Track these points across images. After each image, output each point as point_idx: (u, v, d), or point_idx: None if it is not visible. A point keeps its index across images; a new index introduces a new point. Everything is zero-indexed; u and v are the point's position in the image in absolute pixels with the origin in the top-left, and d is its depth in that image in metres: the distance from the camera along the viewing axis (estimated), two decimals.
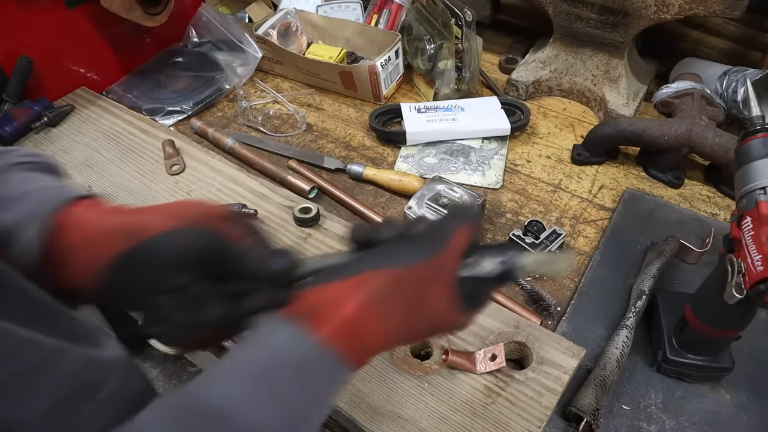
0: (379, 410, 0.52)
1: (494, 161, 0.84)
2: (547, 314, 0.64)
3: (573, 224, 0.75)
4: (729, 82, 0.83)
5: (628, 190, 0.79)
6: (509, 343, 0.56)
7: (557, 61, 0.94)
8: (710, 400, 0.56)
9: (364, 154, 0.88)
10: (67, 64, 0.93)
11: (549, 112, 0.94)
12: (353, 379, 0.33)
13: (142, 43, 1.03)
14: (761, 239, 0.43)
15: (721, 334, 0.53)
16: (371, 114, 0.90)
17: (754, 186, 0.45)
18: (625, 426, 0.55)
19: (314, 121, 0.94)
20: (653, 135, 0.75)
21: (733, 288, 0.45)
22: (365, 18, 1.04)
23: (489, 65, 1.04)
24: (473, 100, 0.91)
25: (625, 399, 0.57)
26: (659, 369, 0.58)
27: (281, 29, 1.01)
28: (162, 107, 0.93)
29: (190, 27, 1.07)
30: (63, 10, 0.88)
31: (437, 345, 0.57)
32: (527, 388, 0.53)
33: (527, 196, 0.80)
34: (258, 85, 1.02)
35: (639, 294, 0.62)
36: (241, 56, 1.01)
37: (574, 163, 0.84)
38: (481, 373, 0.54)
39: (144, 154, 0.82)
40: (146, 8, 0.91)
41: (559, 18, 0.89)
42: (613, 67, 0.89)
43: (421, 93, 0.99)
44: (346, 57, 1.00)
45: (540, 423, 0.51)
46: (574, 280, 0.68)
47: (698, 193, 0.79)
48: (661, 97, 0.86)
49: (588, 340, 0.61)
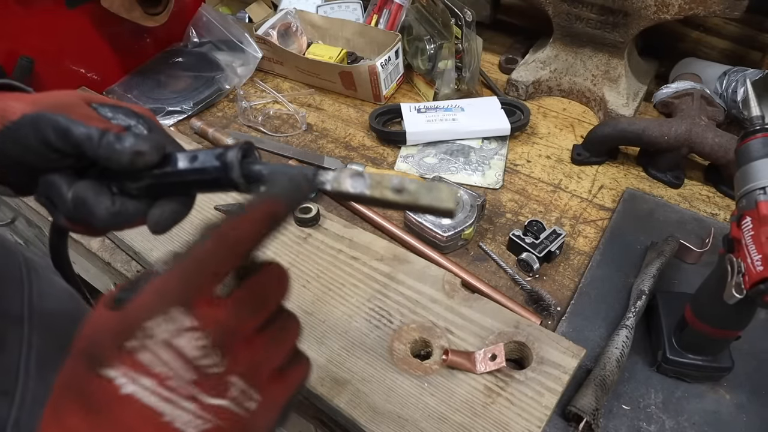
0: (379, 410, 0.52)
1: (494, 161, 0.84)
2: (547, 314, 0.64)
3: (573, 224, 0.75)
4: (729, 82, 0.83)
5: (628, 190, 0.79)
6: (509, 343, 0.56)
7: (557, 61, 0.94)
8: (710, 400, 0.56)
9: (364, 154, 0.88)
10: (68, 64, 0.93)
11: (549, 112, 0.94)
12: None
13: (143, 43, 1.03)
14: (761, 239, 0.43)
15: (721, 334, 0.53)
16: (371, 114, 0.91)
17: (753, 186, 0.45)
18: (625, 426, 0.55)
19: (314, 121, 0.94)
20: (653, 135, 0.75)
21: (732, 288, 0.45)
22: (365, 18, 1.04)
23: (489, 65, 1.04)
24: (473, 100, 0.91)
25: (624, 399, 0.57)
26: (659, 369, 0.58)
27: (281, 29, 1.01)
28: (162, 107, 0.94)
29: (190, 27, 1.07)
30: (63, 10, 0.88)
31: (437, 345, 0.57)
32: (527, 388, 0.53)
33: (527, 196, 0.80)
34: (258, 85, 1.02)
35: (639, 294, 0.62)
36: (241, 56, 1.01)
37: (574, 163, 0.84)
38: (481, 373, 0.54)
39: None
40: (146, 8, 0.91)
41: (559, 18, 0.89)
42: (613, 67, 0.90)
43: (421, 93, 0.99)
44: (346, 57, 1.00)
45: (540, 423, 0.51)
46: (574, 280, 0.68)
47: (698, 193, 0.79)
48: (660, 97, 0.86)
49: (588, 340, 0.61)
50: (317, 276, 0.64)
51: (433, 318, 0.59)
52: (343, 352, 0.57)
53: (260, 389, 0.27)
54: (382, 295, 0.62)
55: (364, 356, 0.56)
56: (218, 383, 0.25)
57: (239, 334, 0.26)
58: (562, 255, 0.71)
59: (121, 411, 0.24)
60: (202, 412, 0.25)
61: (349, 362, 0.56)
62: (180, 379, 0.25)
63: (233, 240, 0.26)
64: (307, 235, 0.69)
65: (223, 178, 0.32)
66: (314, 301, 0.62)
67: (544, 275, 0.69)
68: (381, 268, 0.64)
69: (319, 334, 0.59)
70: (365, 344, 0.57)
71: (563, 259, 0.71)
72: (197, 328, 0.25)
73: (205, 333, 0.25)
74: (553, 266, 0.70)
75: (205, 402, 0.25)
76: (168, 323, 0.24)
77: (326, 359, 0.56)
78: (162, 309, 0.24)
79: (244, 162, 0.32)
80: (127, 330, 0.24)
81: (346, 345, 0.57)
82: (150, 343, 0.24)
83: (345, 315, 0.60)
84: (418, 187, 0.28)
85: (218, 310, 0.25)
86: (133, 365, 0.24)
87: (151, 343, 0.24)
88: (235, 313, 0.26)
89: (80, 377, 0.25)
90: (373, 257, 0.66)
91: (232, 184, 0.32)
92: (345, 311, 0.60)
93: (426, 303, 0.61)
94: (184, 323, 0.24)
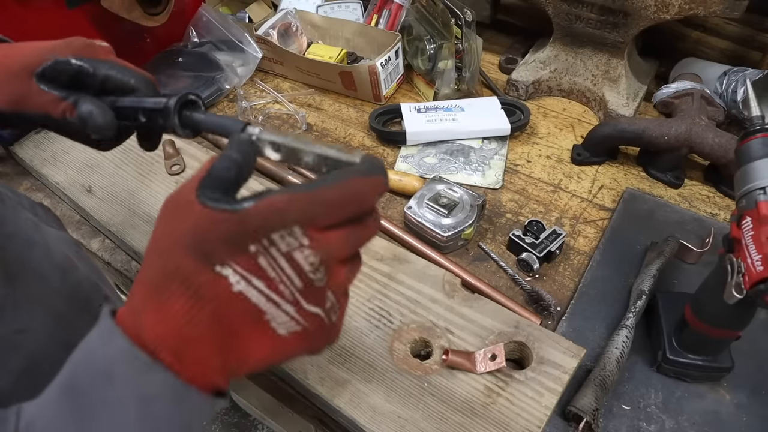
0: (379, 410, 0.52)
1: (494, 161, 0.84)
2: (547, 314, 0.64)
3: (573, 224, 0.75)
4: (729, 82, 0.83)
5: (628, 190, 0.79)
6: (509, 342, 0.56)
7: (557, 61, 0.94)
8: (710, 400, 0.56)
9: None
10: None
11: (549, 112, 0.94)
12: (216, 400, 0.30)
13: (142, 43, 1.03)
14: (761, 239, 0.43)
15: (721, 334, 0.53)
16: (371, 114, 0.91)
17: (753, 186, 0.45)
18: (625, 426, 0.55)
19: (314, 121, 0.94)
20: (653, 135, 0.75)
21: (732, 288, 0.45)
22: (365, 18, 1.04)
23: (489, 65, 1.04)
24: (473, 100, 0.91)
25: (624, 399, 0.57)
26: (659, 369, 0.58)
27: (281, 29, 1.01)
28: None
29: (190, 27, 1.07)
30: (63, 10, 0.88)
31: (437, 345, 0.57)
32: (527, 388, 0.53)
33: (527, 196, 0.80)
34: (258, 85, 1.02)
35: (639, 294, 0.62)
36: (241, 56, 1.01)
37: (574, 163, 0.84)
38: (481, 373, 0.54)
39: (144, 154, 0.82)
40: (146, 8, 0.91)
41: (559, 18, 0.89)
42: (613, 67, 0.90)
43: (421, 93, 0.99)
44: (346, 57, 1.00)
45: (540, 423, 0.51)
46: (574, 280, 0.68)
47: (698, 193, 0.79)
48: (660, 97, 0.86)
49: (588, 340, 0.61)
50: None
51: (433, 318, 0.59)
52: (343, 352, 0.57)
53: (342, 304, 0.33)
54: (382, 295, 0.62)
55: (364, 356, 0.56)
56: (319, 294, 0.30)
57: (338, 259, 0.30)
58: (562, 255, 0.71)
59: (227, 306, 0.28)
60: (298, 316, 0.29)
61: (349, 362, 0.56)
62: (290, 286, 0.29)
63: (358, 197, 0.30)
64: None
65: (161, 113, 0.39)
66: None
67: (544, 275, 0.69)
68: (381, 268, 0.64)
69: None
70: (365, 344, 0.57)
71: (563, 259, 0.71)
72: (312, 246, 0.28)
73: (317, 252, 0.29)
74: (553, 266, 0.70)
75: (304, 308, 0.29)
76: (290, 238, 0.28)
77: (326, 359, 0.56)
78: (285, 224, 0.27)
79: (183, 111, 0.39)
80: (249, 234, 0.27)
81: (346, 345, 0.57)
82: (273, 251, 0.28)
83: (345, 315, 0.60)
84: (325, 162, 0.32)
85: (329, 237, 0.29)
86: (250, 267, 0.28)
87: (273, 251, 0.28)
88: (340, 243, 0.30)
89: (189, 270, 0.27)
90: (373, 257, 0.66)
91: (169, 122, 0.39)
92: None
93: (426, 303, 0.61)
94: (303, 241, 0.28)
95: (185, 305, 0.28)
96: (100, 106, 0.41)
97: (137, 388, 0.27)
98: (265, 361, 0.30)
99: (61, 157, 0.82)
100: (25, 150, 0.85)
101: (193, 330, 0.28)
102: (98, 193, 0.77)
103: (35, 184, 0.84)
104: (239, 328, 0.29)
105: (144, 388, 0.27)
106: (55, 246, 0.51)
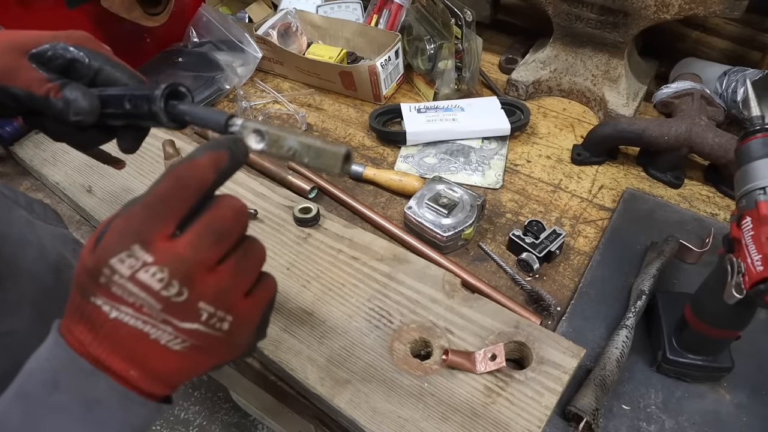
0: (379, 410, 0.52)
1: (494, 161, 0.84)
2: (547, 314, 0.64)
3: (573, 224, 0.75)
4: (729, 82, 0.83)
5: (628, 190, 0.79)
6: (509, 342, 0.56)
7: (557, 61, 0.94)
8: (710, 400, 0.56)
9: (364, 154, 0.88)
10: None
11: (549, 112, 0.94)
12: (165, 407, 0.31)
13: (142, 43, 1.03)
14: (761, 239, 0.43)
15: (721, 334, 0.53)
16: (371, 114, 0.91)
17: (753, 186, 0.45)
18: (625, 426, 0.55)
19: (314, 121, 0.94)
20: (653, 135, 0.75)
21: (732, 288, 0.45)
22: (365, 18, 1.04)
23: (489, 65, 1.04)
24: (473, 100, 0.91)
25: (624, 399, 0.57)
26: (659, 369, 0.58)
27: (281, 29, 1.01)
28: None
29: (190, 27, 1.07)
30: (63, 10, 0.88)
31: (437, 345, 0.57)
32: (527, 388, 0.53)
33: (527, 196, 0.80)
34: (258, 85, 1.02)
35: (639, 294, 0.62)
36: (241, 56, 1.01)
37: (574, 163, 0.84)
38: (481, 373, 0.54)
39: (144, 154, 0.82)
40: (146, 8, 0.91)
41: (559, 18, 0.89)
42: (613, 67, 0.90)
43: (421, 93, 0.99)
44: (346, 57, 1.00)
45: (540, 423, 0.51)
46: (574, 280, 0.68)
47: (698, 193, 0.79)
48: (660, 97, 0.86)
49: (588, 340, 0.61)
50: (317, 276, 0.64)
51: (433, 318, 0.59)
52: (343, 352, 0.57)
53: (231, 311, 0.30)
54: (382, 295, 0.62)
55: (364, 356, 0.56)
56: (186, 309, 0.28)
57: (201, 265, 0.28)
58: (562, 255, 0.71)
59: (115, 330, 0.28)
60: (178, 333, 0.29)
61: (349, 362, 0.56)
62: (151, 307, 0.28)
63: (185, 180, 0.29)
64: (307, 235, 0.69)
65: (147, 99, 0.38)
66: (314, 301, 0.62)
67: (544, 275, 0.69)
68: (381, 268, 0.64)
69: (319, 334, 0.59)
70: (365, 344, 0.57)
71: (563, 259, 0.71)
72: (155, 262, 0.27)
73: (163, 266, 0.27)
74: (553, 266, 0.70)
75: (178, 326, 0.28)
76: (130, 259, 0.27)
77: (326, 359, 0.56)
78: (124, 247, 0.27)
79: (169, 101, 0.39)
80: (97, 267, 0.28)
81: (346, 345, 0.57)
82: (116, 278, 0.27)
83: (345, 315, 0.60)
84: (308, 152, 0.32)
85: (176, 244, 0.28)
86: (110, 297, 0.28)
87: (117, 278, 0.27)
88: (193, 246, 0.28)
89: (79, 303, 0.29)
90: (373, 257, 0.66)
91: (154, 107, 0.38)
92: (345, 311, 0.60)
93: (426, 303, 0.61)
94: (146, 258, 0.27)
95: (84, 330, 0.29)
96: (86, 91, 0.40)
97: (81, 393, 0.28)
98: (181, 374, 0.30)
99: (61, 157, 0.82)
100: (25, 150, 0.85)
101: (97, 349, 0.29)
102: (98, 193, 0.77)
103: (35, 184, 0.84)
104: (135, 346, 0.29)
105: (87, 392, 0.28)
106: (50, 244, 0.51)
